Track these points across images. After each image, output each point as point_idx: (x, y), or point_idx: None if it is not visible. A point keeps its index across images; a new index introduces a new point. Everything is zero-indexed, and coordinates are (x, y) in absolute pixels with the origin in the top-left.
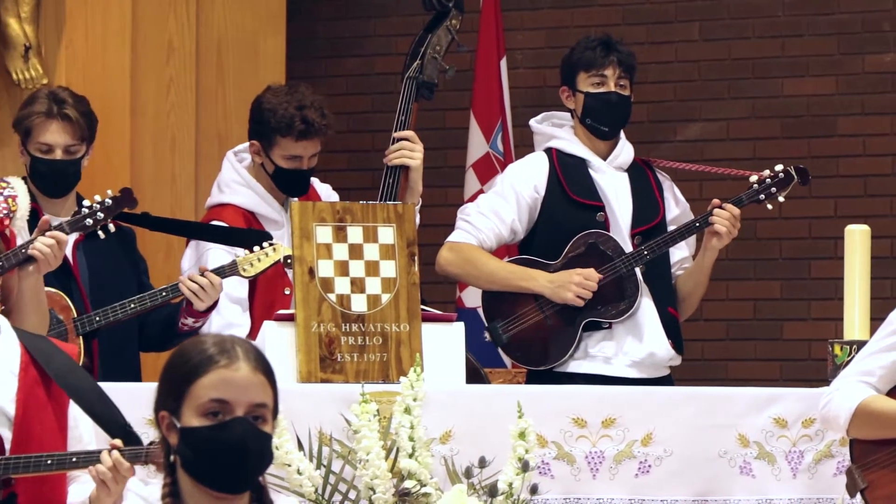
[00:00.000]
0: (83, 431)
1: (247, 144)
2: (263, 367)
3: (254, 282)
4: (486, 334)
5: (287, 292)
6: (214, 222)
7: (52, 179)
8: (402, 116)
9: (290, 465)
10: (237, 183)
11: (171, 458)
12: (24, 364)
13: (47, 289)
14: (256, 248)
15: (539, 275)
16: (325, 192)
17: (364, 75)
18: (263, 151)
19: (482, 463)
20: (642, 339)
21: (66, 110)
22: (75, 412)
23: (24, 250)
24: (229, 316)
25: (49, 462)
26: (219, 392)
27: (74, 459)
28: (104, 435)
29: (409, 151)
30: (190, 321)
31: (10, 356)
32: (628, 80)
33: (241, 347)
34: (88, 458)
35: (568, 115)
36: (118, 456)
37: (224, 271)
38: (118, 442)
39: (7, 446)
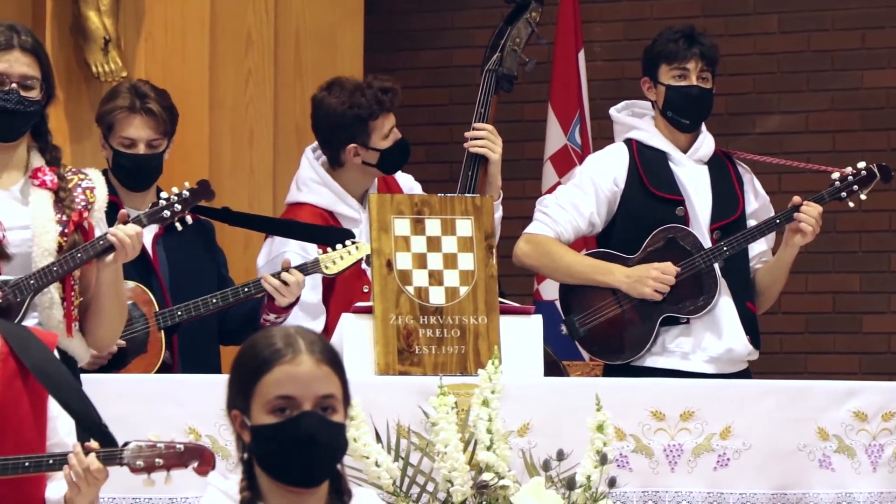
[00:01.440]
0: (60, 425)
1: None
2: (328, 357)
3: (332, 280)
4: (563, 328)
5: (366, 290)
6: (300, 222)
7: (134, 174)
8: (482, 109)
9: (368, 458)
10: (314, 181)
11: (246, 455)
12: (3, 355)
13: (129, 282)
14: (339, 246)
15: (616, 269)
16: (407, 182)
17: (442, 68)
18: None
19: (560, 456)
20: (720, 334)
21: (148, 104)
22: (54, 406)
23: (101, 242)
24: (295, 323)
25: (27, 464)
26: (284, 388)
27: (51, 462)
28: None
29: (490, 143)
30: (272, 317)
31: None
32: (710, 73)
33: (303, 340)
34: (64, 460)
35: (649, 104)
36: (92, 457)
37: (307, 268)
38: (94, 443)
39: None
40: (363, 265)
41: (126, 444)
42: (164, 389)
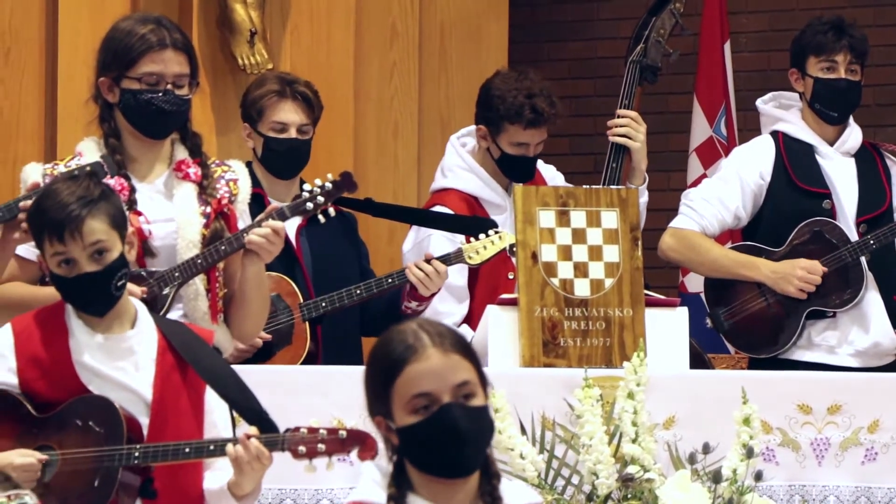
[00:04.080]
0: (218, 418)
1: (470, 128)
2: (454, 344)
3: (476, 267)
4: (708, 321)
5: (511, 277)
6: (437, 207)
7: (286, 158)
8: (626, 100)
9: (513, 450)
10: (460, 168)
11: (395, 456)
12: (162, 350)
13: (275, 274)
14: (482, 236)
15: (762, 263)
16: (550, 173)
17: (586, 59)
18: (490, 137)
19: (706, 449)
20: (867, 328)
21: (299, 89)
22: (211, 398)
23: (244, 234)
24: (442, 306)
25: (187, 450)
26: (419, 386)
27: (212, 448)
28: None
29: (633, 130)
30: (413, 304)
31: (148, 342)
32: (859, 66)
33: (426, 334)
34: (225, 447)
35: (796, 95)
36: (257, 443)
37: (450, 259)
38: (254, 430)
39: (145, 432)
40: (509, 255)
41: (287, 430)
42: (309, 380)
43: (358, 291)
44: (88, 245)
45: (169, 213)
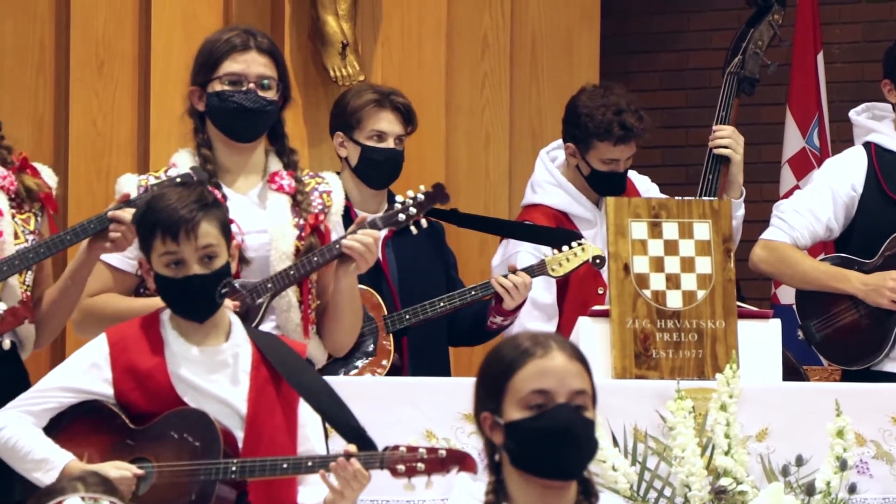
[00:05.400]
0: (311, 431)
1: (558, 142)
2: (578, 355)
3: (566, 281)
4: (800, 333)
5: (601, 291)
6: (526, 223)
7: (383, 167)
8: (723, 112)
9: (605, 462)
10: (549, 183)
11: (496, 456)
12: (256, 363)
13: (361, 286)
14: (565, 248)
15: (853, 276)
16: (644, 185)
17: (678, 70)
18: (579, 154)
19: (799, 461)
20: None
21: (398, 101)
22: (304, 412)
23: (337, 246)
24: (530, 323)
25: (285, 465)
26: (539, 382)
27: (310, 464)
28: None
29: (734, 144)
30: (499, 320)
31: (243, 355)
32: None
33: (553, 339)
34: (324, 463)
35: (889, 106)
36: (355, 462)
37: (533, 270)
38: (352, 447)
39: (240, 445)
40: (593, 267)
41: (386, 448)
42: (399, 392)
43: (442, 304)
44: (201, 247)
45: (262, 224)
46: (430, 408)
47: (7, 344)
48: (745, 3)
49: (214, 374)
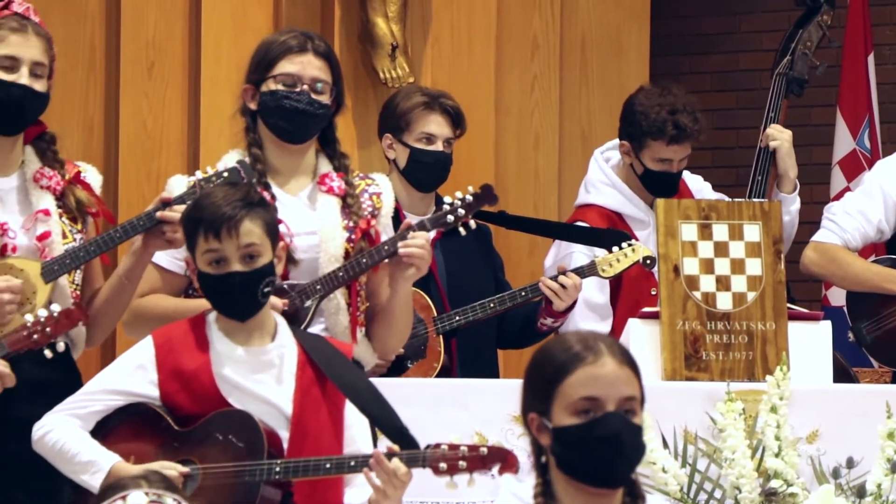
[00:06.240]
0: (357, 433)
1: (613, 142)
2: (628, 359)
3: (619, 281)
4: (850, 335)
5: (653, 293)
6: (579, 223)
7: (431, 170)
8: (772, 113)
9: (655, 464)
10: (603, 183)
11: (543, 458)
12: (302, 364)
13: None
14: (615, 248)
15: None
16: (697, 184)
17: (728, 72)
18: (633, 152)
19: (850, 463)
20: None
21: (447, 103)
22: (350, 413)
23: (386, 248)
24: (584, 323)
25: (328, 465)
26: (588, 389)
27: (353, 463)
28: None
29: (778, 133)
30: (549, 321)
31: (289, 356)
32: None
33: (604, 343)
34: (366, 463)
35: None
36: (397, 461)
37: (584, 271)
38: (395, 446)
39: (285, 446)
40: (644, 268)
41: (428, 446)
42: (449, 394)
43: (492, 305)
44: (242, 245)
45: (312, 225)
46: (479, 410)
47: (61, 346)
48: (794, 3)
49: (259, 374)
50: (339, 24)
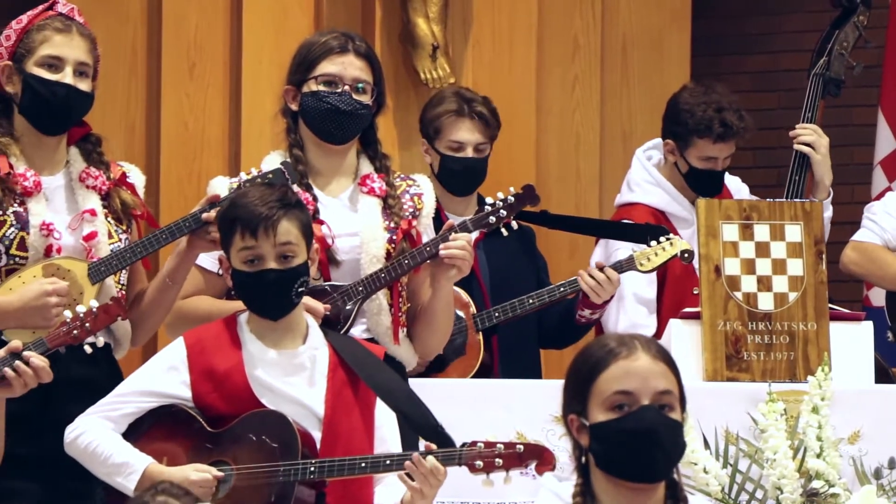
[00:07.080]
0: (387, 433)
1: (654, 142)
2: (663, 355)
3: (662, 280)
4: (890, 335)
5: (696, 292)
6: (623, 221)
7: (462, 177)
8: (809, 113)
9: (696, 464)
10: (647, 182)
11: (583, 458)
12: (333, 365)
13: None
14: (654, 243)
15: None
16: (735, 185)
17: (770, 72)
18: (678, 151)
19: (892, 464)
20: None
21: (477, 108)
22: (381, 413)
23: (428, 248)
24: (635, 317)
25: (363, 465)
26: (622, 383)
27: (388, 462)
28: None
29: (816, 142)
30: (587, 313)
31: (320, 357)
32: None
33: (638, 340)
34: (401, 462)
35: None
36: (433, 460)
37: (622, 266)
38: (431, 445)
39: (318, 446)
40: (682, 262)
41: (464, 444)
42: (489, 393)
43: (531, 301)
44: (279, 244)
45: (353, 227)
46: (521, 410)
47: (100, 341)
48: (831, 4)
49: (292, 376)
50: (380, 25)
